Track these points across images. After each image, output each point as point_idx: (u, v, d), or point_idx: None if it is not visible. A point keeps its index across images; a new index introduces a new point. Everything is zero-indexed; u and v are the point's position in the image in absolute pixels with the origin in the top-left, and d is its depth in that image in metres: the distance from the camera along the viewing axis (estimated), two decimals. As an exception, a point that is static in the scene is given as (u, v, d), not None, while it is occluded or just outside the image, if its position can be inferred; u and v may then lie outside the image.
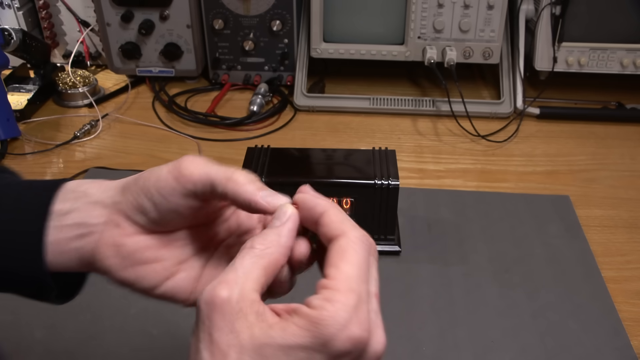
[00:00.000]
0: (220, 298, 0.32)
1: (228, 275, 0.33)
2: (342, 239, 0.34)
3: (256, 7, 1.03)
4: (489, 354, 0.61)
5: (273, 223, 0.37)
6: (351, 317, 0.31)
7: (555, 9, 0.98)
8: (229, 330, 0.31)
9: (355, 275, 0.33)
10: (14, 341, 0.62)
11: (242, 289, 0.32)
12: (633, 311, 0.66)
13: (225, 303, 0.31)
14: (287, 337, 0.31)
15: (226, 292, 0.32)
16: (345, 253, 0.34)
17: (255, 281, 0.33)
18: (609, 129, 0.99)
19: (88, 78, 1.08)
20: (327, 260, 0.34)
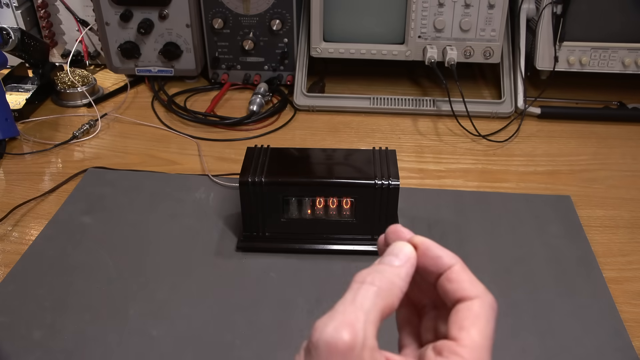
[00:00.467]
0: (345, 343, 0.29)
1: (349, 315, 0.31)
2: (477, 303, 0.33)
3: (256, 7, 1.03)
4: (490, 355, 0.61)
5: (390, 260, 0.34)
6: None
7: (556, 8, 0.98)
8: None
9: (486, 347, 0.32)
10: (13, 341, 0.62)
11: (366, 335, 0.30)
12: (634, 312, 0.66)
13: (350, 350, 0.30)
14: None
15: (350, 337, 0.30)
16: (479, 320, 0.32)
17: (375, 325, 0.31)
18: (610, 129, 0.99)
19: (87, 77, 1.08)
20: (454, 321, 0.33)
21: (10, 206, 0.80)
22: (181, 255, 0.72)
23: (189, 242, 0.74)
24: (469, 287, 0.33)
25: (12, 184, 0.86)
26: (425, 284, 0.36)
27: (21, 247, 0.74)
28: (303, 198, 0.70)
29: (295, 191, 0.70)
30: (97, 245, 0.74)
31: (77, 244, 0.74)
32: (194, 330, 0.63)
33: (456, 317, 0.33)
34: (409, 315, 0.38)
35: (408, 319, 0.38)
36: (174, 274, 0.70)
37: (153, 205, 0.81)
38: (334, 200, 0.70)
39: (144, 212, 0.79)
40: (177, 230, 0.76)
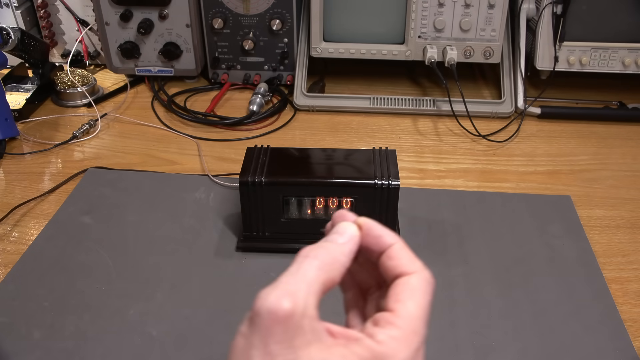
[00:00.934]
0: (285, 311, 0.30)
1: (291, 285, 0.32)
2: (414, 277, 0.34)
3: (256, 6, 1.03)
4: (489, 355, 0.61)
5: (334, 238, 0.36)
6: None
7: (556, 8, 0.97)
8: (287, 345, 0.30)
9: (421, 318, 0.33)
10: (13, 341, 0.62)
11: (306, 304, 0.31)
12: (635, 312, 0.66)
13: (289, 317, 0.31)
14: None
15: (291, 305, 0.31)
16: (415, 293, 0.34)
17: (316, 296, 0.32)
18: (610, 129, 0.99)
19: (87, 77, 1.08)
20: (392, 295, 0.34)
21: (10, 206, 0.80)
22: (181, 255, 0.72)
23: (188, 242, 0.74)
24: (407, 264, 0.35)
25: (12, 184, 0.86)
26: (370, 266, 0.38)
27: (21, 247, 0.74)
28: (303, 198, 0.70)
29: (295, 191, 0.69)
30: (97, 245, 0.74)
31: (77, 244, 0.74)
32: (194, 330, 0.63)
33: (394, 290, 0.34)
34: (356, 298, 0.40)
35: (355, 301, 0.40)
36: (174, 274, 0.70)
37: (153, 205, 0.81)
38: (334, 200, 0.70)
39: (144, 212, 0.79)
40: (177, 230, 0.76)
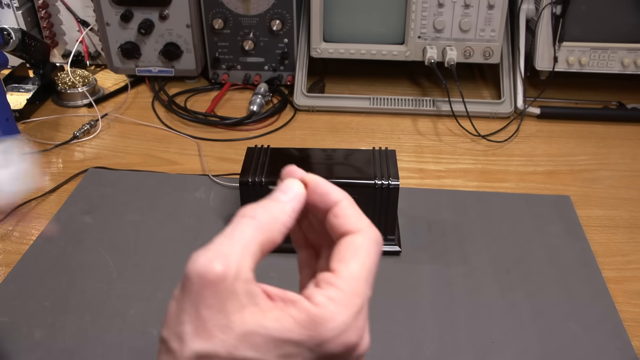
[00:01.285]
0: (215, 274, 0.29)
1: (224, 247, 0.30)
2: (359, 236, 0.33)
3: (256, 7, 1.03)
4: (489, 355, 0.61)
5: (277, 196, 0.34)
6: (351, 323, 0.30)
7: (555, 9, 0.98)
8: (219, 309, 0.29)
9: (364, 279, 0.32)
10: (14, 341, 0.62)
11: (239, 266, 0.30)
12: (634, 311, 0.66)
13: (220, 280, 0.29)
14: (282, 330, 0.29)
15: (222, 268, 0.29)
16: (359, 252, 0.32)
17: (252, 258, 0.31)
18: (609, 129, 0.99)
19: (87, 78, 1.08)
20: (335, 254, 0.33)
21: (11, 206, 0.80)
22: (181, 255, 0.73)
23: (189, 242, 0.75)
24: (353, 222, 0.33)
25: (13, 184, 0.86)
26: (320, 226, 0.37)
27: (22, 247, 0.74)
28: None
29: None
30: (98, 245, 0.74)
31: (78, 243, 0.74)
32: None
33: (338, 250, 0.33)
34: (308, 258, 0.39)
35: (307, 261, 0.39)
36: (175, 273, 0.70)
37: (153, 205, 0.81)
38: (334, 200, 0.70)
39: (144, 212, 0.80)
40: (177, 230, 0.77)
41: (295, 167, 0.36)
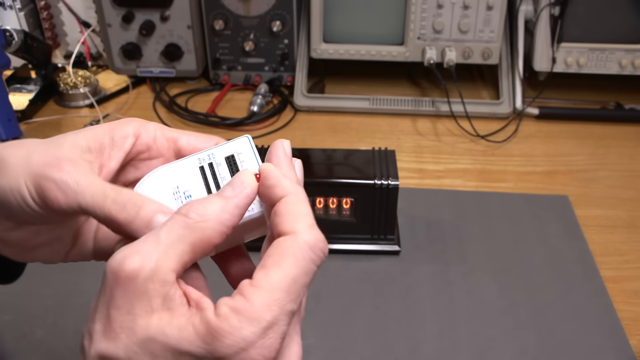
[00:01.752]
0: (127, 272, 0.27)
1: (146, 245, 0.28)
2: (289, 239, 0.28)
3: (256, 8, 1.04)
4: (488, 354, 0.61)
5: (224, 190, 0.30)
6: (255, 341, 0.26)
7: (554, 10, 0.98)
8: (127, 310, 0.27)
9: (284, 290, 0.27)
10: (16, 340, 0.62)
11: (157, 266, 0.27)
12: (632, 310, 0.66)
13: (131, 279, 0.27)
14: (180, 340, 0.26)
15: (136, 266, 0.27)
16: (284, 259, 0.28)
17: (176, 259, 0.28)
18: (607, 129, 0.99)
19: (89, 78, 1.08)
20: (262, 258, 0.29)
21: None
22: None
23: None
24: (288, 222, 0.29)
25: (15, 184, 0.87)
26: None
27: (24, 247, 0.74)
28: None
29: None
30: (100, 244, 0.74)
31: (80, 243, 0.75)
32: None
33: (266, 254, 0.28)
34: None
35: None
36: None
37: (155, 205, 0.81)
38: (333, 200, 0.71)
39: (145, 212, 0.80)
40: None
41: (282, 143, 0.33)
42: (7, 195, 0.31)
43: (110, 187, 0.31)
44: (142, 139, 0.35)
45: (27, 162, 0.32)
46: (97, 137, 0.34)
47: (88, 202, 0.31)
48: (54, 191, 0.31)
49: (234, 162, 0.35)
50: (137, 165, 0.36)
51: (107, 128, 0.34)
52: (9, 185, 0.31)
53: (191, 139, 0.36)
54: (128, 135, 0.35)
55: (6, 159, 0.32)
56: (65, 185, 0.31)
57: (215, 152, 0.36)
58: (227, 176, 0.35)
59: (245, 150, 0.36)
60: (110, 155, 0.34)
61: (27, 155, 0.32)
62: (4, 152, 0.32)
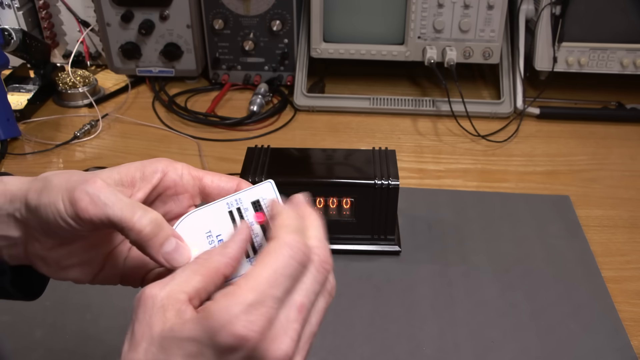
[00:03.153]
0: (147, 293, 0.33)
1: (165, 278, 0.34)
2: (273, 242, 0.34)
3: (256, 7, 1.03)
4: (489, 354, 0.61)
5: (224, 247, 0.36)
6: (240, 314, 0.30)
7: (555, 9, 0.98)
8: (146, 323, 0.32)
9: (265, 277, 0.32)
10: (15, 340, 0.62)
11: (171, 289, 0.33)
12: (633, 311, 0.66)
13: (149, 298, 0.32)
14: (183, 329, 0.31)
15: (155, 291, 0.33)
16: (267, 256, 0.33)
17: (188, 284, 0.33)
18: (609, 129, 0.99)
19: (88, 78, 1.08)
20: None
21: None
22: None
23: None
24: (275, 230, 0.35)
25: (14, 184, 0.86)
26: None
27: (23, 247, 0.74)
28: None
29: (296, 191, 0.69)
30: (99, 244, 0.74)
31: (79, 243, 0.74)
32: (195, 329, 0.63)
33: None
34: None
35: None
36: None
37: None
38: (334, 200, 0.71)
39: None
40: (178, 230, 0.77)
41: (300, 199, 0.38)
42: (46, 211, 0.36)
43: (139, 205, 0.36)
44: (169, 176, 0.40)
45: (66, 181, 0.36)
46: (129, 172, 0.39)
47: (117, 214, 0.35)
48: (85, 202, 0.35)
49: (259, 206, 0.39)
50: (165, 200, 0.41)
51: (139, 165, 0.39)
52: (49, 201, 0.36)
53: (215, 178, 0.41)
54: (157, 171, 0.40)
55: (51, 179, 0.37)
56: (97, 198, 0.35)
57: (242, 197, 0.39)
58: (254, 220, 0.39)
59: (269, 195, 0.39)
60: (140, 188, 0.39)
61: (69, 177, 0.37)
62: (50, 175, 0.37)
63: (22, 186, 0.38)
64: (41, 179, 0.37)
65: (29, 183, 0.38)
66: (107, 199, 0.35)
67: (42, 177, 0.38)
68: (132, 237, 0.36)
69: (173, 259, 0.36)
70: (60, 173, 0.38)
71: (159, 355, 0.31)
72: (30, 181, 0.38)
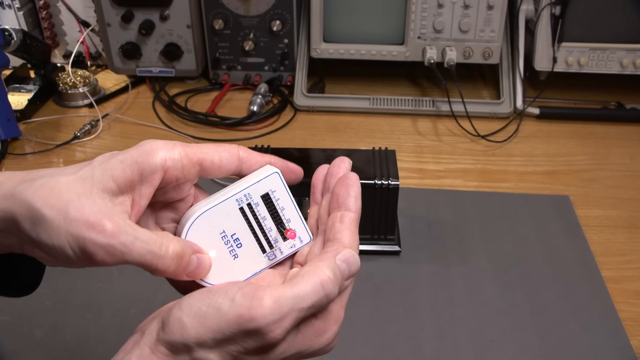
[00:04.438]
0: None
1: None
2: (315, 268, 0.34)
3: (256, 7, 1.03)
4: (488, 354, 0.61)
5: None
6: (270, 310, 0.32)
7: (555, 9, 0.98)
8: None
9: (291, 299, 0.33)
10: (15, 340, 0.62)
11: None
12: (632, 311, 0.66)
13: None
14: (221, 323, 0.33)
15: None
16: (304, 281, 0.33)
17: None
18: (608, 129, 0.99)
19: (88, 78, 1.08)
20: (307, 264, 0.36)
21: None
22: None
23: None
24: (328, 249, 0.37)
25: (14, 184, 0.87)
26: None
27: (23, 247, 0.74)
28: (303, 198, 0.70)
29: (296, 191, 0.70)
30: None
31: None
32: (195, 329, 0.63)
33: (300, 271, 0.35)
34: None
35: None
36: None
37: (154, 205, 0.81)
38: (334, 200, 0.71)
39: (145, 212, 0.80)
40: (178, 230, 0.77)
41: (346, 167, 0.41)
42: (49, 250, 0.33)
43: (155, 241, 0.34)
44: (171, 173, 0.37)
45: (65, 219, 0.32)
46: (125, 175, 0.35)
47: (136, 260, 0.33)
48: (101, 255, 0.32)
49: (269, 200, 0.39)
50: (165, 191, 0.38)
51: (132, 163, 0.35)
52: (52, 243, 0.32)
53: (215, 159, 0.38)
54: (156, 171, 0.36)
55: (43, 214, 0.32)
56: (112, 249, 0.32)
57: (251, 191, 0.39)
58: (266, 215, 0.39)
59: (278, 187, 0.39)
60: (142, 193, 0.36)
61: (64, 209, 0.32)
62: (38, 203, 0.32)
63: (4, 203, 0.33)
64: (25, 205, 0.32)
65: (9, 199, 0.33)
66: (124, 247, 0.33)
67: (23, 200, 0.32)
68: (157, 275, 0.35)
69: (196, 274, 0.37)
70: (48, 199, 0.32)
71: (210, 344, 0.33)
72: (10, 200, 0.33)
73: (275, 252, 0.39)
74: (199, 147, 0.38)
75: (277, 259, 0.39)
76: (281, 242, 0.39)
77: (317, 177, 0.42)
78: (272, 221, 0.39)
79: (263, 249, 0.39)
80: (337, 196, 0.39)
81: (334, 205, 0.39)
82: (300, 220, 0.40)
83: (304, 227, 0.40)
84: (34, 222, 0.32)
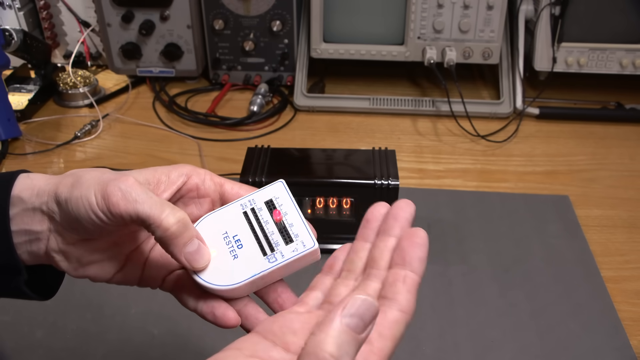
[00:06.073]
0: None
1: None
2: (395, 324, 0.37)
3: (256, 8, 1.04)
4: (488, 354, 0.61)
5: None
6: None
7: (554, 9, 0.98)
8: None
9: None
10: (15, 340, 0.62)
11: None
12: (632, 311, 0.66)
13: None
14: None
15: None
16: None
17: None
18: (608, 129, 0.99)
19: (89, 78, 1.08)
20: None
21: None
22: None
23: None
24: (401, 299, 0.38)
25: (15, 184, 0.87)
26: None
27: (24, 247, 0.74)
28: (303, 198, 0.71)
29: (296, 191, 0.70)
30: (99, 244, 0.74)
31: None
32: (195, 329, 0.63)
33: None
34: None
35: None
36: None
37: (154, 205, 0.81)
38: (334, 200, 0.71)
39: (145, 212, 0.80)
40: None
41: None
42: (77, 204, 0.37)
43: (168, 203, 0.38)
44: (192, 180, 0.42)
45: (99, 178, 0.38)
46: (156, 174, 0.41)
47: (146, 210, 0.36)
48: (117, 197, 0.36)
49: (272, 205, 0.41)
50: (187, 202, 0.43)
51: (165, 169, 0.41)
52: (81, 194, 0.37)
53: (235, 185, 0.43)
54: (182, 175, 0.42)
55: (82, 175, 0.38)
56: (128, 194, 0.37)
57: (255, 197, 0.41)
58: (269, 219, 0.40)
59: (282, 194, 0.41)
60: (165, 189, 0.41)
61: (101, 174, 0.38)
62: (81, 172, 0.39)
63: (50, 180, 0.39)
64: (71, 174, 0.39)
65: (57, 178, 0.39)
66: (138, 196, 0.37)
67: (72, 172, 0.39)
68: (158, 234, 0.37)
69: (194, 260, 0.38)
70: (92, 170, 0.39)
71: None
72: (59, 176, 0.39)
73: (276, 255, 0.39)
74: (223, 177, 0.43)
75: (278, 262, 0.39)
76: (283, 246, 0.39)
77: (374, 213, 0.41)
78: (274, 225, 0.40)
79: (264, 251, 0.39)
80: (404, 252, 0.38)
81: (397, 261, 0.38)
82: (304, 225, 0.40)
83: (307, 232, 0.40)
84: (72, 185, 0.38)
